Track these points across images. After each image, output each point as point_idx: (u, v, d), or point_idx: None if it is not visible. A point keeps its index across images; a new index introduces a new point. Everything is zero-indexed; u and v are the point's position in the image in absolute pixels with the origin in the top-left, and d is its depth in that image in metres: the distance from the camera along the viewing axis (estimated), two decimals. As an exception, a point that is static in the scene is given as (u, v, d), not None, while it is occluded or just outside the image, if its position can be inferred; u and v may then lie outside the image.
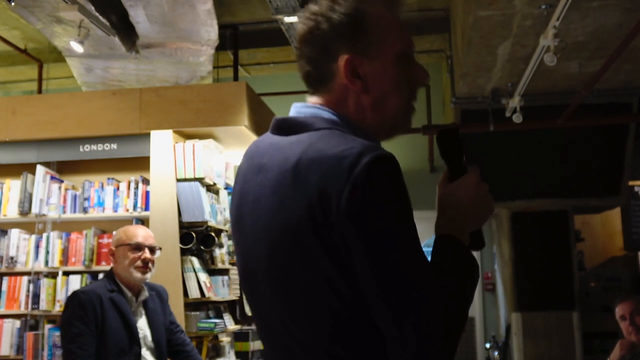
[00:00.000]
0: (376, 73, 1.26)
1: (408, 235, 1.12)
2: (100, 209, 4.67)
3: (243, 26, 6.45)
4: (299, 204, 1.14)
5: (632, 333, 3.74)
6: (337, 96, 1.27)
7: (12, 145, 4.85)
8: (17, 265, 4.70)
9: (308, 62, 1.30)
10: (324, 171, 1.12)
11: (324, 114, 1.26)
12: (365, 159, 1.10)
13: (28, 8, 4.87)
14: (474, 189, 1.27)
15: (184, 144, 4.55)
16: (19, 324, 4.61)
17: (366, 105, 1.26)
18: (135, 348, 3.07)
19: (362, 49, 1.25)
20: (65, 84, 7.49)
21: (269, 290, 1.23)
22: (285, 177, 1.18)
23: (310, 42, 1.29)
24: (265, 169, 1.24)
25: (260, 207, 1.23)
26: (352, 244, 1.10)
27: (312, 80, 1.31)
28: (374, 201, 1.10)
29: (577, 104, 5.92)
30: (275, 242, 1.19)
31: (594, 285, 8.04)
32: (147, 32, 5.28)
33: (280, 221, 1.17)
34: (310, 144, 1.18)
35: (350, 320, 1.14)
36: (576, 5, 4.25)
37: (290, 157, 1.18)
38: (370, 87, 1.26)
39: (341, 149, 1.14)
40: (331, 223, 1.11)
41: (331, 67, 1.26)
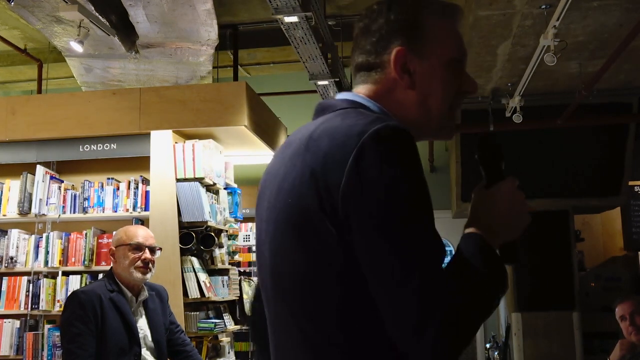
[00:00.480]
0: (425, 72, 1.27)
1: (415, 214, 1.09)
2: (100, 209, 4.68)
3: (243, 26, 6.44)
4: (306, 167, 1.14)
5: (632, 333, 3.74)
6: (383, 87, 1.29)
7: (11, 145, 4.86)
8: (17, 265, 4.71)
9: (362, 52, 1.31)
10: (334, 137, 1.13)
11: (356, 98, 1.29)
12: (374, 126, 1.10)
13: (28, 8, 4.86)
14: (510, 196, 1.25)
15: (183, 144, 4.55)
16: (18, 324, 4.62)
17: (411, 101, 1.28)
18: (135, 348, 3.06)
19: (416, 47, 1.27)
20: (65, 84, 7.49)
21: (270, 256, 1.24)
22: (300, 145, 1.19)
23: (366, 34, 1.31)
24: (289, 144, 1.27)
25: (277, 177, 1.24)
26: (352, 213, 1.08)
27: (362, 69, 1.32)
28: (378, 170, 1.07)
29: (577, 104, 5.93)
30: (281, 207, 1.19)
31: (594, 285, 8.03)
32: (147, 32, 5.28)
33: (288, 185, 1.18)
34: (328, 118, 1.21)
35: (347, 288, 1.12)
36: (576, 5, 4.25)
37: (310, 130, 1.21)
38: (417, 84, 1.27)
39: (355, 119, 1.15)
40: (332, 189, 1.09)
41: (383, 59, 1.28)
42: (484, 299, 1.10)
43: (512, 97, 6.06)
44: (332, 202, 1.09)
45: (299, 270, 1.16)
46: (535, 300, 7.18)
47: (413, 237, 1.06)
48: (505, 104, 6.27)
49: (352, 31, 1.38)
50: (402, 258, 1.04)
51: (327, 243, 1.11)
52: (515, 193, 1.25)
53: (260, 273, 1.32)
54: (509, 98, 6.18)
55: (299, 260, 1.15)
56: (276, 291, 1.23)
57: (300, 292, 1.17)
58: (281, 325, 1.23)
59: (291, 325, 1.19)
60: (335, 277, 1.12)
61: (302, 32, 4.92)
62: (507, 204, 1.23)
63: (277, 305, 1.24)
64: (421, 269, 1.04)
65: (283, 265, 1.20)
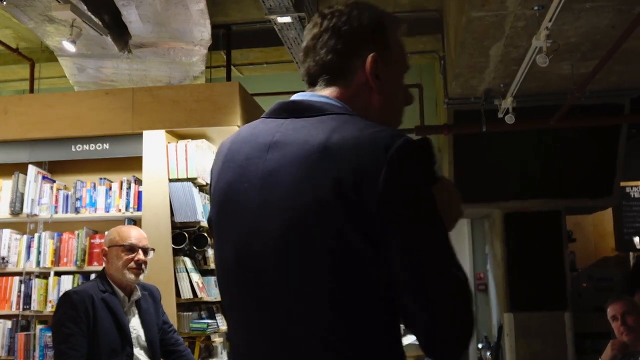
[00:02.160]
0: (390, 79, 1.35)
1: (439, 218, 1.19)
2: (92, 209, 4.65)
3: (236, 26, 6.46)
4: (329, 178, 1.16)
5: (623, 333, 3.73)
6: (353, 91, 1.33)
7: (3, 145, 4.83)
8: (9, 266, 4.68)
9: (331, 51, 1.33)
10: (359, 150, 1.16)
11: (335, 103, 1.30)
12: (396, 140, 1.16)
13: (20, 7, 4.86)
14: (443, 196, 1.32)
15: (176, 144, 4.54)
16: (10, 325, 4.59)
17: (375, 105, 1.33)
18: (128, 348, 3.06)
19: (384, 54, 1.33)
20: (58, 83, 7.47)
21: (279, 266, 1.22)
22: (312, 153, 1.19)
23: (338, 34, 1.33)
24: (278, 146, 1.24)
25: (275, 181, 1.22)
26: (388, 224, 1.14)
27: (331, 70, 1.34)
28: (410, 182, 1.16)
29: (569, 105, 5.95)
30: (297, 215, 1.19)
31: (586, 286, 8.08)
32: (139, 31, 5.27)
33: (307, 195, 1.18)
34: (337, 125, 1.22)
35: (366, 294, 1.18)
36: (569, 6, 4.27)
37: (316, 135, 1.21)
38: (384, 89, 1.34)
39: (373, 130, 1.19)
40: (365, 203, 1.14)
41: (355, 62, 1.32)
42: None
43: (505, 98, 6.07)
44: (364, 215, 1.14)
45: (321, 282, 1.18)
46: (528, 301, 7.20)
47: (442, 243, 1.18)
48: (498, 105, 6.28)
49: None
50: (439, 264, 1.16)
51: (353, 254, 1.16)
52: (450, 190, 1.35)
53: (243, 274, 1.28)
54: (502, 99, 6.19)
55: (321, 270, 1.18)
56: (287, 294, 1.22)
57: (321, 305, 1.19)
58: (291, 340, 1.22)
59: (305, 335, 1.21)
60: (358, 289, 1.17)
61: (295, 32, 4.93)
62: (444, 201, 1.30)
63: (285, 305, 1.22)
64: (451, 275, 1.17)
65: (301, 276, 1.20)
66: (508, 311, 7.27)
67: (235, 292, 1.31)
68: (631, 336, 3.70)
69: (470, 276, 8.86)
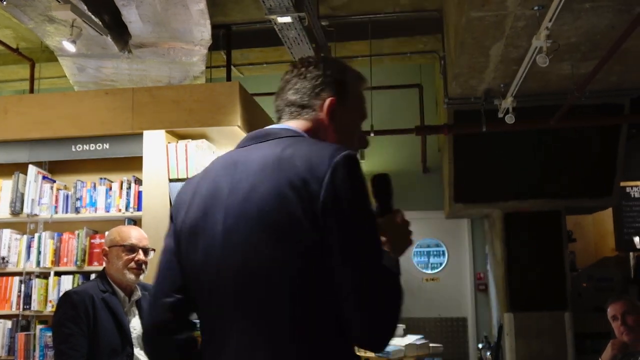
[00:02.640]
0: (346, 121, 1.60)
1: (372, 215, 1.41)
2: (92, 209, 4.65)
3: (236, 26, 6.45)
4: (281, 183, 1.38)
5: (623, 333, 3.76)
6: (312, 125, 1.58)
7: (3, 145, 4.82)
8: (9, 266, 4.67)
9: (296, 92, 1.60)
10: (308, 159, 1.38)
11: (293, 129, 1.55)
12: (341, 151, 1.39)
13: (20, 7, 4.86)
14: (397, 224, 1.55)
15: (176, 144, 4.54)
16: (10, 325, 4.58)
17: (329, 141, 1.55)
18: (128, 348, 3.08)
19: (342, 100, 1.59)
20: (58, 83, 7.48)
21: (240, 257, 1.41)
22: (268, 164, 1.43)
23: (303, 79, 1.60)
24: (240, 163, 1.50)
25: (237, 191, 1.45)
26: (330, 217, 1.34)
27: (294, 106, 1.60)
28: (350, 182, 1.36)
29: (569, 105, 5.95)
30: (251, 214, 1.40)
31: (586, 286, 8.08)
32: (139, 31, 5.27)
33: (262, 193, 1.40)
34: (290, 143, 1.47)
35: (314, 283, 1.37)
36: (569, 6, 4.27)
37: (273, 151, 1.45)
38: (338, 129, 1.59)
39: (321, 145, 1.44)
40: (313, 198, 1.34)
41: (315, 102, 1.58)
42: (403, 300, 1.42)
43: (505, 98, 6.07)
44: (313, 210, 1.34)
45: (281, 268, 1.37)
46: (528, 301, 7.21)
47: (373, 234, 1.39)
48: (498, 105, 6.28)
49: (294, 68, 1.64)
50: (367, 251, 1.36)
51: (307, 243, 1.35)
52: (401, 221, 1.56)
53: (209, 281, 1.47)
54: (502, 99, 6.18)
55: (281, 258, 1.37)
56: (248, 293, 1.40)
57: (280, 288, 1.37)
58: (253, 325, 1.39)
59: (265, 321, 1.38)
60: (311, 271, 1.36)
61: (296, 32, 4.93)
62: (395, 230, 1.54)
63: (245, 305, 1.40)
64: (381, 270, 1.37)
65: (261, 267, 1.39)
66: (508, 311, 7.27)
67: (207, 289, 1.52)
68: (631, 336, 3.73)
69: (471, 276, 8.87)
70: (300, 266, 1.36)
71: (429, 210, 8.71)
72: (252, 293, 1.39)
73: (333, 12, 6.29)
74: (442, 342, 7.00)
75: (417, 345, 5.16)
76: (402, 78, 8.46)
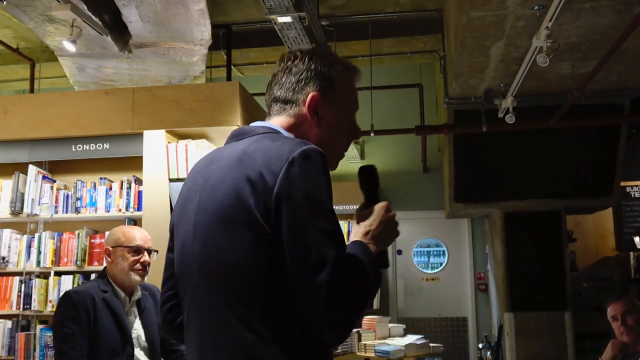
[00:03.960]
0: (330, 116, 1.59)
1: (329, 210, 1.39)
2: (92, 209, 4.65)
3: (236, 26, 6.46)
4: (243, 175, 1.40)
5: (623, 333, 3.76)
6: (295, 120, 1.58)
7: (3, 145, 4.82)
8: (9, 266, 4.68)
9: (281, 87, 1.61)
10: (268, 154, 1.41)
11: (273, 127, 1.57)
12: (301, 147, 1.40)
13: (20, 7, 4.86)
14: (383, 214, 1.54)
15: (176, 144, 4.54)
16: (10, 325, 4.59)
17: (313, 137, 1.56)
18: (128, 349, 3.07)
19: (326, 94, 1.58)
20: (58, 83, 7.49)
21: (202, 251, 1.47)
22: (233, 159, 1.46)
23: (288, 74, 1.60)
24: (215, 160, 1.55)
25: (207, 187, 1.50)
26: (282, 209, 1.35)
27: (279, 102, 1.61)
28: (305, 176, 1.37)
29: (569, 105, 5.95)
30: (219, 204, 1.43)
31: (586, 286, 8.09)
32: (140, 31, 5.27)
33: (225, 188, 1.43)
34: (256, 139, 1.50)
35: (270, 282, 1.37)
36: (569, 6, 4.29)
37: (239, 148, 1.49)
38: (322, 124, 1.58)
39: (284, 141, 1.45)
40: (267, 191, 1.36)
41: (298, 97, 1.58)
42: (370, 286, 1.40)
43: (505, 97, 6.08)
44: (266, 202, 1.36)
45: (234, 258, 1.40)
46: (528, 301, 7.22)
47: (325, 232, 1.35)
48: (498, 105, 6.29)
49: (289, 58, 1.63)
50: (317, 250, 1.33)
51: (260, 234, 1.37)
52: (387, 212, 1.55)
53: (184, 274, 1.54)
54: (502, 99, 6.20)
55: (234, 249, 1.39)
56: (208, 282, 1.45)
57: (234, 277, 1.40)
58: (212, 311, 1.43)
59: (223, 309, 1.41)
60: (265, 262, 1.37)
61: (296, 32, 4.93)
62: (380, 222, 1.53)
63: (206, 295, 1.45)
64: (331, 262, 1.32)
65: (218, 258, 1.43)
66: (508, 311, 7.28)
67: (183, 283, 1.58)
68: (631, 336, 3.73)
69: (471, 276, 8.88)
70: (251, 257, 1.37)
71: (429, 210, 8.73)
72: (210, 281, 1.44)
73: (333, 11, 6.30)
74: (442, 342, 7.02)
75: (418, 345, 5.15)
76: (402, 78, 8.47)
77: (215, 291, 1.43)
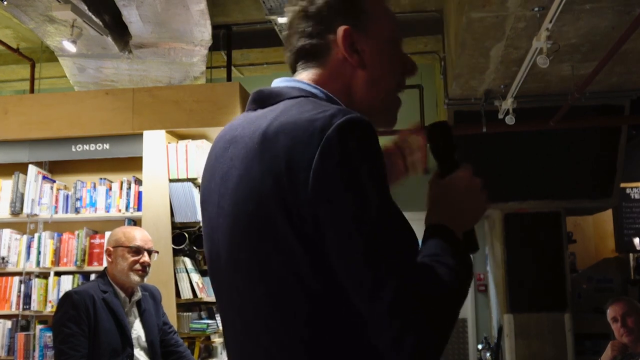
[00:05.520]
0: (373, 50, 1.23)
1: (385, 201, 1.03)
2: (92, 209, 4.67)
3: (236, 27, 6.46)
4: (266, 170, 1.06)
5: (623, 335, 3.78)
6: (330, 71, 1.23)
7: (3, 145, 4.85)
8: (9, 266, 4.70)
9: (302, 36, 1.25)
10: (294, 135, 1.04)
11: (303, 85, 1.22)
12: (337, 120, 1.03)
13: (20, 7, 4.85)
14: (467, 185, 1.24)
15: (176, 144, 4.55)
16: (10, 325, 4.61)
17: (360, 82, 1.23)
18: (128, 349, 3.08)
19: (360, 25, 1.23)
20: (58, 83, 7.47)
21: (230, 268, 1.16)
22: (254, 145, 1.10)
23: (306, 18, 1.25)
24: (236, 141, 1.18)
25: (227, 180, 1.16)
26: (322, 215, 1.01)
27: (305, 55, 1.26)
28: (346, 166, 1.01)
29: (569, 106, 5.94)
30: (238, 214, 1.11)
31: (586, 287, 8.08)
32: (140, 32, 5.27)
33: (245, 191, 1.10)
34: (282, 110, 1.12)
35: (317, 299, 1.05)
36: (569, 7, 4.27)
37: (261, 125, 1.11)
38: (368, 62, 1.23)
39: (314, 112, 1.06)
40: (298, 192, 1.02)
41: (328, 40, 1.23)
42: (459, 294, 1.07)
43: (505, 99, 6.07)
44: (299, 208, 1.03)
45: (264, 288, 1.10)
46: (527, 302, 7.20)
47: (385, 238, 1.01)
48: (498, 106, 6.28)
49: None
50: (377, 262, 0.99)
51: (292, 250, 1.05)
52: (471, 181, 1.25)
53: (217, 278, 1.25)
54: (502, 100, 6.18)
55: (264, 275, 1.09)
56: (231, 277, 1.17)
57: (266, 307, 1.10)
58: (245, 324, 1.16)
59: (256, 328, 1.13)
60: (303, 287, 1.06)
61: (296, 33, 4.94)
62: (465, 193, 1.23)
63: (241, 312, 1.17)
64: (396, 274, 0.99)
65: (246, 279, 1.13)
66: (508, 312, 7.26)
67: (215, 289, 1.28)
68: (631, 337, 3.75)
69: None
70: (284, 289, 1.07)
71: (430, 211, 8.73)
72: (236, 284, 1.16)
73: None
74: (442, 342, 7.01)
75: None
76: (403, 79, 8.47)
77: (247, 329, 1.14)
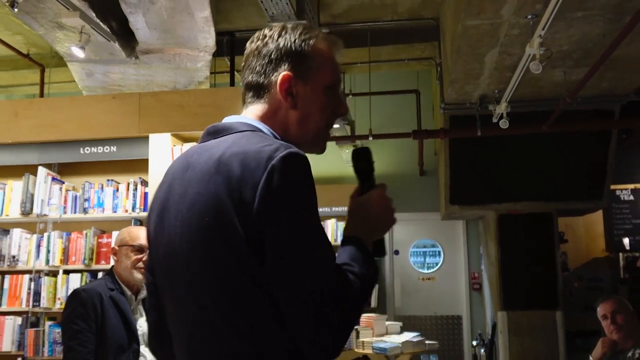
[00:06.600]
0: (307, 95, 1.43)
1: (314, 224, 1.26)
2: (99, 209, 4.71)
3: (240, 33, 6.47)
4: (221, 188, 1.25)
5: (613, 331, 3.83)
6: (270, 107, 1.43)
7: (14, 147, 4.88)
8: (19, 264, 4.74)
9: (252, 72, 1.45)
10: (246, 162, 1.25)
11: (249, 121, 1.42)
12: (280, 152, 1.24)
13: (31, 14, 4.87)
14: (379, 201, 1.45)
15: (181, 147, 4.60)
16: (20, 321, 4.65)
17: (292, 120, 1.43)
18: (134, 345, 3.14)
19: (300, 72, 1.42)
20: (67, 88, 7.48)
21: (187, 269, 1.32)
22: (209, 168, 1.30)
23: (257, 57, 1.45)
24: (192, 166, 1.37)
25: (186, 196, 1.34)
26: (265, 227, 1.22)
27: (251, 89, 1.46)
28: (287, 189, 1.23)
29: (561, 111, 5.96)
30: (197, 224, 1.29)
31: (577, 286, 8.13)
32: (146, 38, 5.29)
33: (201, 205, 1.28)
34: (234, 141, 1.33)
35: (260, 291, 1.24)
36: (561, 15, 4.29)
37: (216, 153, 1.32)
38: (299, 105, 1.42)
39: (261, 145, 1.28)
40: (246, 205, 1.22)
41: (270, 80, 1.43)
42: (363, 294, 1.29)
43: (499, 103, 6.09)
44: (247, 220, 1.22)
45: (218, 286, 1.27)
46: (521, 300, 7.23)
47: (312, 248, 1.24)
48: (493, 110, 6.29)
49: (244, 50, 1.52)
50: (304, 267, 1.22)
51: (243, 255, 1.23)
52: (383, 199, 1.45)
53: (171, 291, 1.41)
54: (496, 104, 6.20)
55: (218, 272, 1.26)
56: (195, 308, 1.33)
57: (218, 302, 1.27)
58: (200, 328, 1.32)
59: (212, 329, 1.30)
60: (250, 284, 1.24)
61: (297, 39, 5.02)
62: (376, 209, 1.44)
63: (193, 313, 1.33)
64: (319, 276, 1.22)
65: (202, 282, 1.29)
66: (502, 310, 7.28)
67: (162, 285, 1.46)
68: (621, 334, 3.80)
69: (465, 275, 8.93)
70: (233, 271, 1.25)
71: (426, 211, 8.78)
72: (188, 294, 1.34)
73: (333, 19, 6.31)
74: (437, 339, 7.07)
75: (414, 343, 5.22)
76: (400, 84, 8.47)
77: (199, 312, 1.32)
